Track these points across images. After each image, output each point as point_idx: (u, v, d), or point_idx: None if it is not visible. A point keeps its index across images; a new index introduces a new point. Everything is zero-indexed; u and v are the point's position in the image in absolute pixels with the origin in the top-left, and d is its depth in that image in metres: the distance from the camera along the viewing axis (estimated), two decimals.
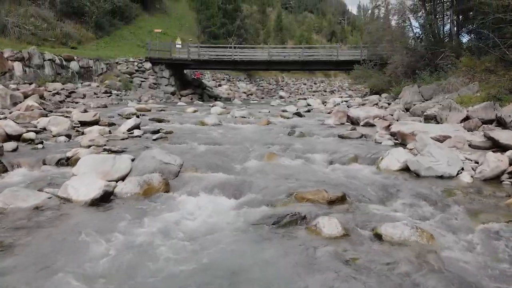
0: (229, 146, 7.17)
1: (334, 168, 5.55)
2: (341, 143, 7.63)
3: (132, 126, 8.43)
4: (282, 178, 4.90)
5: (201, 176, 4.96)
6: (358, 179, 4.94)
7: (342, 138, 8.17)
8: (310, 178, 4.91)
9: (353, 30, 78.38)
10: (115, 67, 22.27)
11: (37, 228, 3.44)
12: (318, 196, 4.00)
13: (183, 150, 6.59)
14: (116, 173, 4.62)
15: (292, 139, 8.09)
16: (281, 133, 8.94)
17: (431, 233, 3.13)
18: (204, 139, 7.84)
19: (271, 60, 25.36)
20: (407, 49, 15.79)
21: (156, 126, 9.42)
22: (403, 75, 14.95)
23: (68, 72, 18.93)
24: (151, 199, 4.23)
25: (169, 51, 24.78)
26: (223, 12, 39.68)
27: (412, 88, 11.53)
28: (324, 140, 8.07)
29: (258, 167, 5.51)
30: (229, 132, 9.04)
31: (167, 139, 7.78)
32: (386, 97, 15.43)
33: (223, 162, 5.85)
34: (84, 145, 6.90)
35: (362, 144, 7.40)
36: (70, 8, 29.01)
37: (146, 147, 6.78)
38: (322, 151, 6.66)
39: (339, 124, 10.57)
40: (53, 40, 24.43)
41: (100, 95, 18.28)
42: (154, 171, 4.72)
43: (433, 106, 8.70)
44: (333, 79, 58.61)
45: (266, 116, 12.66)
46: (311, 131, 9.18)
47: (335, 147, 7.01)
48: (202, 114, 13.64)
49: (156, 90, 22.92)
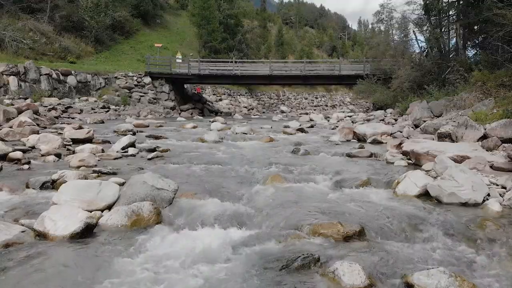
0: (229, 166, 6.66)
1: (345, 193, 5.01)
2: (349, 162, 7.12)
3: (126, 144, 7.93)
4: (289, 205, 4.36)
5: (197, 203, 4.42)
6: (374, 206, 4.40)
7: (350, 157, 7.66)
8: (320, 205, 4.37)
9: (354, 45, 78.53)
10: (114, 81, 21.91)
11: (2, 273, 2.90)
12: (332, 230, 3.46)
13: (180, 171, 6.08)
14: (101, 202, 4.09)
15: (297, 158, 7.59)
16: (284, 151, 8.44)
17: (472, 283, 2.59)
18: (203, 158, 7.34)
19: (273, 74, 25.02)
20: (413, 63, 15.38)
21: (153, 144, 8.92)
22: (409, 90, 14.51)
23: (65, 86, 18.54)
24: (139, 232, 3.69)
25: (169, 65, 24.47)
26: (224, 27, 39.59)
27: (421, 104, 11.06)
28: (331, 159, 7.55)
29: (261, 192, 4.98)
30: (230, 150, 8.54)
31: (163, 158, 7.27)
32: (391, 112, 14.97)
33: (222, 185, 5.33)
34: (73, 166, 6.40)
35: (373, 164, 6.89)
36: (70, 23, 28.86)
37: (140, 168, 6.27)
38: (330, 172, 6.14)
39: (345, 141, 10.08)
40: (52, 54, 24.15)
41: (98, 110, 17.84)
42: (145, 198, 4.19)
43: (446, 123, 8.20)
44: (334, 93, 58.41)
45: (268, 132, 12.20)
46: (317, 148, 8.68)
47: (343, 168, 6.49)
48: (202, 130, 13.18)
49: (155, 105, 22.51)
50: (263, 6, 64.36)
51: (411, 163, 6.72)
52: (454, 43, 17.50)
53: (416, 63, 15.73)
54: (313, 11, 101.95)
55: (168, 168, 6.38)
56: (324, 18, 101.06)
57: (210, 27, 37.34)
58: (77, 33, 28.91)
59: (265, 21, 59.07)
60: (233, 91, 38.32)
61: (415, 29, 16.88)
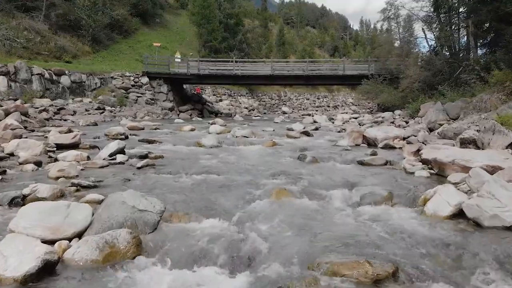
0: (228, 176, 5.90)
1: (365, 213, 4.24)
2: (363, 171, 6.34)
3: (114, 150, 7.17)
4: (299, 231, 3.60)
5: (189, 227, 3.67)
6: (403, 232, 3.63)
7: (363, 165, 6.89)
8: (336, 231, 3.61)
9: (356, 45, 77.77)
10: (110, 81, 21.17)
11: None
12: (358, 271, 2.70)
13: (171, 184, 5.31)
14: (69, 228, 3.33)
15: (303, 166, 6.82)
16: (289, 158, 7.68)
17: None
18: (199, 167, 6.57)
19: (274, 74, 24.26)
20: (424, 62, 14.61)
21: (145, 149, 8.16)
22: (419, 90, 13.73)
23: (59, 87, 17.79)
24: (114, 269, 2.92)
25: (167, 65, 23.72)
26: (225, 26, 38.86)
27: (435, 106, 10.29)
28: (342, 167, 6.78)
29: (265, 211, 4.21)
30: (229, 157, 7.78)
31: (154, 167, 6.50)
32: (400, 114, 14.19)
33: (220, 201, 4.57)
34: (51, 177, 5.65)
35: (390, 174, 6.12)
36: (66, 21, 28.16)
37: (126, 179, 5.51)
38: (343, 184, 5.38)
39: (354, 146, 9.32)
40: (47, 54, 23.46)
41: (92, 112, 17.09)
42: (124, 223, 3.43)
43: (468, 127, 7.44)
44: (336, 94, 57.70)
45: (270, 136, 11.44)
46: (324, 155, 7.91)
47: (357, 178, 5.73)
48: (200, 133, 12.42)
49: (153, 106, 21.76)
50: (264, 5, 63.62)
51: (433, 173, 5.94)
52: (464, 42, 16.73)
53: (426, 62, 14.93)
54: (314, 11, 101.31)
55: (158, 179, 5.61)
56: (325, 18, 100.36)
57: (210, 26, 36.62)
58: (74, 32, 28.23)
59: (266, 20, 58.36)
60: (234, 92, 37.58)
61: (424, 27, 16.09)
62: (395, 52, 19.27)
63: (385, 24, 20.58)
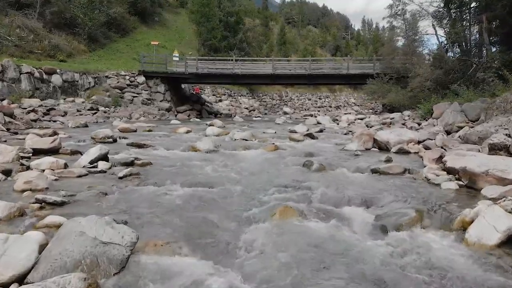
0: (223, 189, 5.07)
1: (393, 241, 3.38)
2: (379, 182, 5.51)
3: (96, 157, 6.34)
4: (312, 272, 2.76)
5: (167, 264, 2.83)
6: (443, 270, 2.81)
7: (378, 173, 6.05)
8: (360, 271, 2.78)
9: (357, 45, 76.88)
10: (105, 81, 20.32)
11: None
12: None
13: (154, 200, 4.48)
14: (6, 271, 2.50)
15: (310, 175, 5.98)
16: (293, 165, 6.84)
17: None
18: (191, 176, 5.74)
19: (276, 73, 23.42)
20: (436, 60, 13.76)
21: (133, 155, 7.33)
22: (431, 90, 12.89)
23: (49, 86, 16.94)
24: None
25: (164, 64, 22.88)
26: (225, 24, 38.01)
27: (452, 106, 9.45)
28: (354, 177, 5.94)
29: (267, 238, 3.38)
30: (226, 163, 6.94)
31: (138, 176, 5.66)
32: (409, 115, 13.33)
33: (210, 224, 3.75)
34: (17, 189, 4.82)
35: (411, 185, 5.27)
36: (62, 19, 27.33)
37: (102, 193, 4.67)
38: (359, 199, 4.55)
39: (364, 150, 8.47)
40: (40, 52, 22.61)
41: (84, 112, 16.26)
42: (81, 261, 2.61)
43: (496, 131, 6.59)
44: (338, 94, 56.85)
45: (272, 139, 10.58)
46: (332, 161, 7.08)
47: (375, 191, 4.89)
48: (196, 135, 11.59)
49: (149, 106, 20.93)
50: (265, 4, 62.81)
51: (462, 185, 5.09)
52: (475, 39, 15.88)
53: (438, 60, 14.07)
54: (315, 10, 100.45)
55: (140, 192, 4.78)
56: (326, 17, 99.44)
57: (209, 24, 35.78)
58: (70, 31, 27.39)
59: (267, 19, 57.53)
60: (234, 92, 36.75)
61: (434, 22, 15.22)
62: (401, 51, 18.41)
63: (391, 21, 19.71)
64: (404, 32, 18.86)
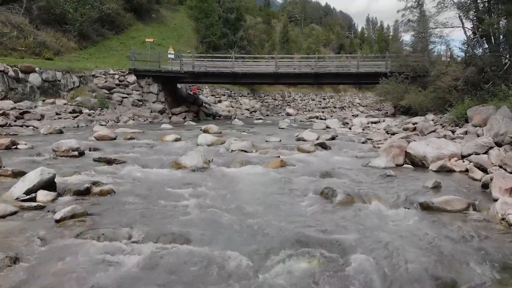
0: (208, 246, 3.27)
1: None
2: (437, 228, 3.70)
3: (34, 185, 4.56)
4: None
5: None
6: None
7: (428, 209, 4.25)
8: None
9: (362, 43, 74.93)
10: (91, 80, 18.49)
11: None
12: None
13: (91, 273, 2.68)
14: None
15: (333, 214, 4.21)
16: (307, 192, 5.06)
17: None
18: (160, 220, 3.94)
19: (279, 72, 21.60)
20: (468, 57, 11.94)
21: (95, 176, 5.55)
22: (461, 91, 11.08)
23: (26, 86, 15.11)
24: None
25: (157, 62, 21.07)
26: (224, 21, 36.15)
27: (499, 111, 7.64)
28: (397, 216, 4.13)
29: None
30: (216, 189, 5.16)
31: (84, 219, 3.85)
32: (433, 119, 11.50)
33: None
34: None
35: (484, 233, 3.49)
36: (51, 15, 25.60)
37: (16, 254, 2.88)
38: (418, 266, 2.77)
39: (394, 167, 6.66)
40: (24, 49, 20.85)
41: (65, 116, 14.49)
42: None
43: None
44: (343, 94, 54.96)
45: (276, 150, 8.76)
46: (360, 186, 5.29)
47: (436, 248, 3.12)
48: (186, 144, 9.80)
49: (141, 108, 19.12)
50: (267, 1, 61.00)
51: None
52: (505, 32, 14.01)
53: (470, 57, 12.24)
54: (318, 9, 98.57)
55: (75, 253, 2.99)
56: (329, 16, 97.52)
57: (208, 20, 33.95)
58: (59, 27, 25.66)
59: (269, 17, 55.69)
60: (234, 92, 34.93)
61: (460, 14, 13.37)
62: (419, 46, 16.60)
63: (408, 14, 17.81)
64: (420, 26, 16.99)
